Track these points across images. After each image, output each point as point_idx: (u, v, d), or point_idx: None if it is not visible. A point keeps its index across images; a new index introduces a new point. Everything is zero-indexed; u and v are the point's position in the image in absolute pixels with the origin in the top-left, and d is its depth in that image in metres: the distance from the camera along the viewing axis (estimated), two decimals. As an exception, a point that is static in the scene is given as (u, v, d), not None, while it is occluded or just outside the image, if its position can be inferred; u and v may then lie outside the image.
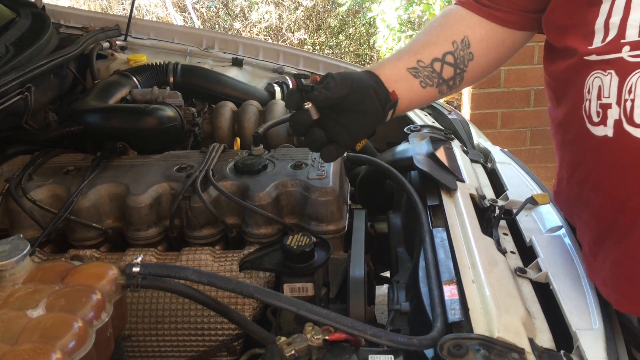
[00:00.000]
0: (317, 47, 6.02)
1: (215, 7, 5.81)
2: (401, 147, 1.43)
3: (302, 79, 0.86)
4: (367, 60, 6.05)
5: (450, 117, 1.71)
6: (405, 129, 1.57)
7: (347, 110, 0.84)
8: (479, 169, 1.46)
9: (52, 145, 1.27)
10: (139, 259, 0.74)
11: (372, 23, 4.93)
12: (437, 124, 1.68)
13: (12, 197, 1.06)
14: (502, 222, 1.17)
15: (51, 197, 1.13)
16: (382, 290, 1.90)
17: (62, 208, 1.05)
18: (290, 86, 1.68)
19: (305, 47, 5.88)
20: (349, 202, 1.26)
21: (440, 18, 0.99)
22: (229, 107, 1.47)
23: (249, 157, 1.16)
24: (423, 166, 1.24)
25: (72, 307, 0.66)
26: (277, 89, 1.67)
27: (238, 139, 1.32)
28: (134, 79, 1.55)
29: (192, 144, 1.37)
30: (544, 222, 1.17)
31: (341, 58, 6.32)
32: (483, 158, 1.54)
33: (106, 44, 1.88)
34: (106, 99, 1.38)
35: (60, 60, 1.50)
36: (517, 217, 1.17)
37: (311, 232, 1.07)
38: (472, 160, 1.49)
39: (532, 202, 1.16)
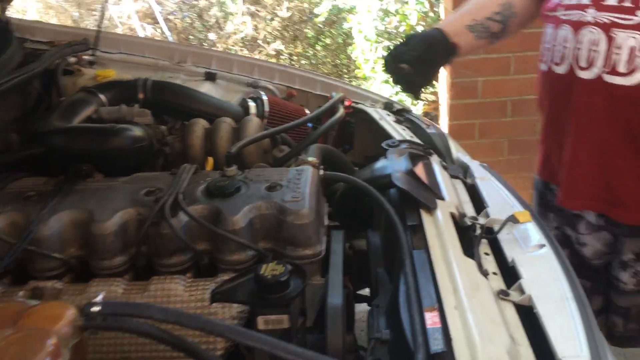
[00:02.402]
0: (294, 58, 6.00)
1: (190, 18, 5.75)
2: (379, 164, 1.40)
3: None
4: (345, 71, 6.06)
5: (428, 130, 1.70)
6: (383, 144, 1.54)
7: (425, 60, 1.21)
8: (459, 185, 1.44)
9: (13, 169, 1.21)
10: (100, 297, 0.69)
11: (349, 34, 4.93)
12: (415, 139, 1.66)
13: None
14: (484, 241, 1.15)
15: (9, 226, 1.06)
16: (362, 307, 1.86)
17: (21, 238, 0.99)
18: (266, 101, 1.64)
19: (282, 57, 5.86)
20: (327, 221, 1.23)
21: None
22: (200, 124, 1.43)
23: (221, 179, 1.12)
24: (402, 184, 1.21)
25: (25, 355, 0.61)
26: (252, 104, 1.63)
27: (210, 159, 1.28)
28: (101, 96, 1.49)
29: (162, 164, 1.32)
30: (527, 240, 1.15)
31: (318, 68, 6.31)
32: (462, 173, 1.52)
33: (73, 59, 1.82)
34: (71, 119, 1.32)
35: (23, 78, 1.44)
36: (499, 236, 1.15)
37: (287, 257, 1.03)
38: (452, 176, 1.47)
39: (513, 220, 1.14)
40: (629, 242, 1.17)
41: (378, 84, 4.11)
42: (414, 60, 1.19)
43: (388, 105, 1.90)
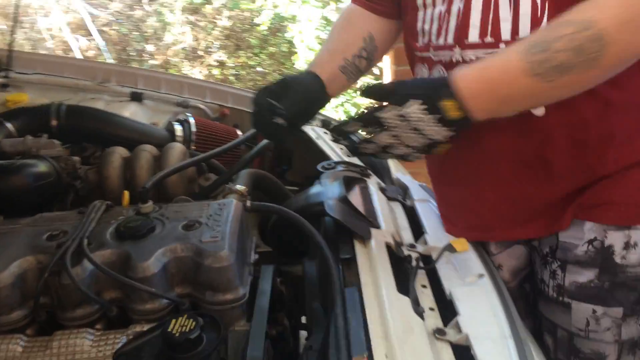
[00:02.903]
0: (238, 68, 5.90)
1: (127, 29, 5.56)
2: (313, 190, 1.34)
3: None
4: (292, 80, 6.01)
5: (366, 150, 1.65)
6: (318, 167, 1.48)
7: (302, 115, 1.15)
8: (398, 208, 1.39)
9: None
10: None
11: (292, 42, 4.89)
12: (353, 159, 1.60)
13: None
14: (422, 272, 1.10)
15: None
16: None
17: None
18: (193, 124, 1.55)
19: (226, 67, 5.74)
20: (255, 256, 1.15)
21: (347, 16, 1.26)
22: (118, 153, 1.32)
23: (133, 218, 1.02)
24: (335, 213, 1.16)
25: None
26: (178, 127, 1.54)
27: (126, 193, 1.18)
28: (8, 125, 1.37)
29: (72, 200, 1.21)
30: (465, 270, 1.11)
31: (265, 77, 6.23)
32: (402, 194, 1.47)
33: (-21, 83, 1.67)
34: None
35: None
36: (437, 265, 1.11)
37: (206, 302, 0.95)
38: (390, 198, 1.43)
39: (450, 249, 1.10)
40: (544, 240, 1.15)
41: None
42: (292, 116, 1.08)
43: (325, 123, 1.84)
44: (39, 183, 1.10)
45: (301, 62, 4.21)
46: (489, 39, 0.99)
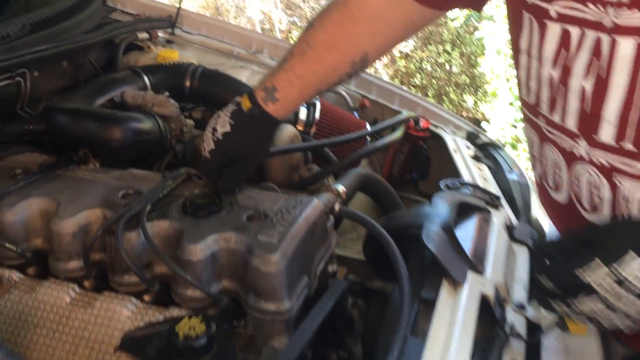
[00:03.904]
0: (425, 62, 5.71)
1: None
2: (421, 209, 1.16)
3: None
4: (479, 98, 5.62)
5: (509, 176, 1.40)
6: (441, 184, 1.29)
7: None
8: (522, 254, 1.15)
9: (17, 142, 1.17)
10: None
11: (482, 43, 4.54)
12: (488, 183, 1.38)
13: None
14: (520, 343, 0.87)
15: (-15, 202, 1.02)
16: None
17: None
18: (318, 107, 1.47)
19: (410, 61, 5.58)
20: (331, 265, 1.03)
21: (345, 21, 0.93)
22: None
23: (203, 195, 0.97)
24: (430, 242, 0.98)
25: None
26: (303, 109, 1.46)
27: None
28: (145, 79, 1.42)
29: (170, 163, 1.20)
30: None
31: (450, 77, 5.94)
32: (534, 239, 1.22)
33: (144, 35, 1.79)
34: (95, 99, 1.26)
35: (67, 47, 1.41)
36: (543, 341, 0.88)
37: (249, 306, 0.85)
38: (516, 240, 1.19)
39: (562, 326, 0.85)
40: None
41: (504, 105, 3.70)
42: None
43: (472, 136, 1.62)
44: (137, 138, 1.11)
45: (487, 65, 3.89)
46: (628, 145, 0.71)
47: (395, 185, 1.72)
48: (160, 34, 1.89)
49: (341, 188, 1.17)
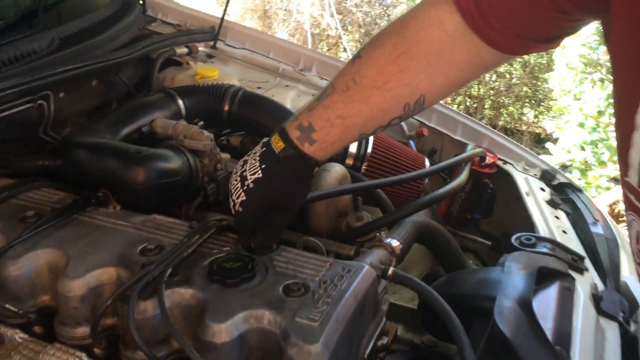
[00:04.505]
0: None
1: (375, 14, 5.54)
2: (491, 274, 1.00)
3: None
4: (541, 98, 5.32)
5: (593, 229, 1.22)
6: (512, 239, 1.12)
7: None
8: (613, 334, 0.97)
9: (35, 175, 1.07)
10: None
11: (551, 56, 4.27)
12: (568, 237, 1.19)
13: None
14: None
15: (-11, 250, 0.92)
16: None
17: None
18: (371, 140, 1.32)
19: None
20: (382, 342, 0.88)
21: (400, 57, 0.78)
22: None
23: (235, 257, 0.83)
24: (503, 323, 0.82)
25: None
26: (354, 143, 1.31)
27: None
28: (180, 102, 1.31)
29: (200, 204, 1.08)
30: None
31: (511, 89, 5.65)
32: (626, 311, 1.04)
33: (184, 50, 1.68)
34: (122, 127, 1.15)
35: (98, 66, 1.31)
36: None
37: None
38: (605, 314, 1.01)
39: None
40: None
41: (573, 126, 3.44)
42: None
43: (547, 176, 1.43)
44: (162, 181, 0.98)
45: (555, 80, 3.63)
46: None
47: (454, 225, 1.56)
48: (201, 47, 1.78)
49: (395, 243, 1.02)
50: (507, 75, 5.71)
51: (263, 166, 0.81)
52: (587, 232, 1.22)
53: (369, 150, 1.30)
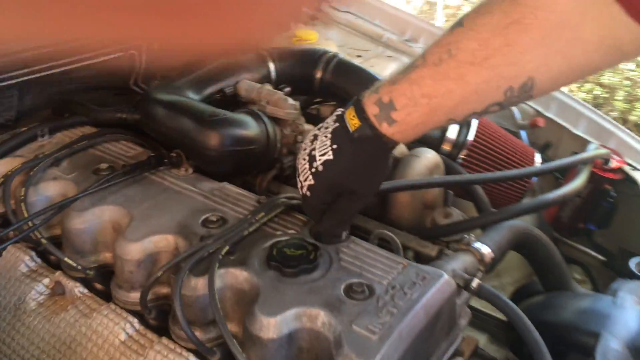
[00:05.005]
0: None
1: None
2: (599, 304, 0.86)
3: None
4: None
5: None
6: (633, 264, 0.96)
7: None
8: None
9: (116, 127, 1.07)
10: None
11: None
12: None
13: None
14: None
15: (61, 197, 0.92)
16: None
17: (32, 216, 0.83)
18: (474, 127, 1.18)
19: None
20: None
21: (510, 28, 0.63)
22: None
23: (299, 243, 0.76)
24: (608, 371, 0.69)
25: None
26: (455, 126, 1.19)
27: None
28: (271, 65, 1.25)
29: (274, 176, 1.02)
30: None
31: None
32: None
33: (286, 9, 1.61)
34: (206, 86, 1.11)
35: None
36: None
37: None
38: None
39: None
40: None
41: None
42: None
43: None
44: (236, 148, 0.93)
45: None
46: None
47: (562, 232, 1.39)
48: (304, 8, 1.71)
49: (486, 249, 0.90)
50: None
51: (334, 146, 0.73)
52: None
53: (471, 137, 1.16)
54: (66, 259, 0.83)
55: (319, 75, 1.27)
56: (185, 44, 0.40)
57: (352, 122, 0.72)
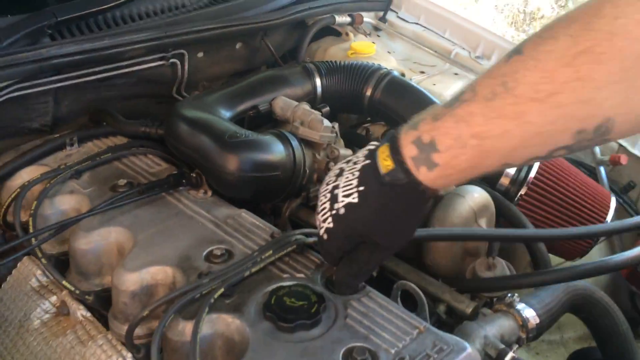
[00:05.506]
0: None
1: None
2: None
3: None
4: None
5: None
6: None
7: None
8: None
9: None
10: None
11: None
12: None
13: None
14: None
15: (75, 211, 0.90)
16: None
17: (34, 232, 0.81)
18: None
19: None
20: None
21: (581, 57, 0.52)
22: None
23: (301, 292, 0.68)
24: None
25: None
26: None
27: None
28: (317, 80, 1.18)
29: (297, 206, 0.95)
30: None
31: None
32: None
33: (345, 19, 1.54)
34: (241, 101, 1.05)
35: (243, 28, 1.24)
36: None
37: None
38: None
39: None
40: None
41: None
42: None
43: None
44: (256, 175, 0.86)
45: None
46: None
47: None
48: (368, 18, 1.62)
49: (531, 314, 0.78)
50: None
51: (361, 188, 0.64)
52: None
53: (533, 173, 1.03)
54: (64, 282, 0.80)
55: (368, 93, 1.18)
56: None
57: (385, 162, 0.62)
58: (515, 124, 0.55)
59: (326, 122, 0.98)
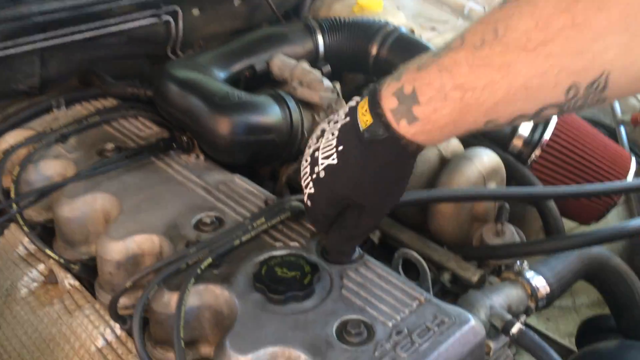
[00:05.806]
0: None
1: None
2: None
3: None
4: None
5: None
6: None
7: None
8: None
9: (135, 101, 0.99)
10: None
11: None
12: None
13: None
14: None
15: (60, 177, 0.86)
16: None
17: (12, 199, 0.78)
18: (554, 122, 0.99)
19: None
20: None
21: (579, 4, 0.46)
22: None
23: (294, 262, 0.65)
24: None
25: None
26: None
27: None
28: (319, 38, 1.12)
29: (294, 171, 0.90)
30: None
31: None
32: None
33: (350, -27, 1.46)
34: (236, 60, 1.00)
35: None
36: None
37: None
38: None
39: None
40: None
41: None
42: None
43: None
44: (250, 138, 0.82)
45: None
46: None
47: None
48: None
49: (541, 282, 0.74)
50: None
51: (340, 148, 0.59)
52: None
53: (548, 134, 0.98)
54: (47, 251, 0.77)
55: (374, 51, 1.12)
56: None
57: (364, 118, 0.58)
58: (501, 75, 0.49)
59: (326, 82, 0.93)
